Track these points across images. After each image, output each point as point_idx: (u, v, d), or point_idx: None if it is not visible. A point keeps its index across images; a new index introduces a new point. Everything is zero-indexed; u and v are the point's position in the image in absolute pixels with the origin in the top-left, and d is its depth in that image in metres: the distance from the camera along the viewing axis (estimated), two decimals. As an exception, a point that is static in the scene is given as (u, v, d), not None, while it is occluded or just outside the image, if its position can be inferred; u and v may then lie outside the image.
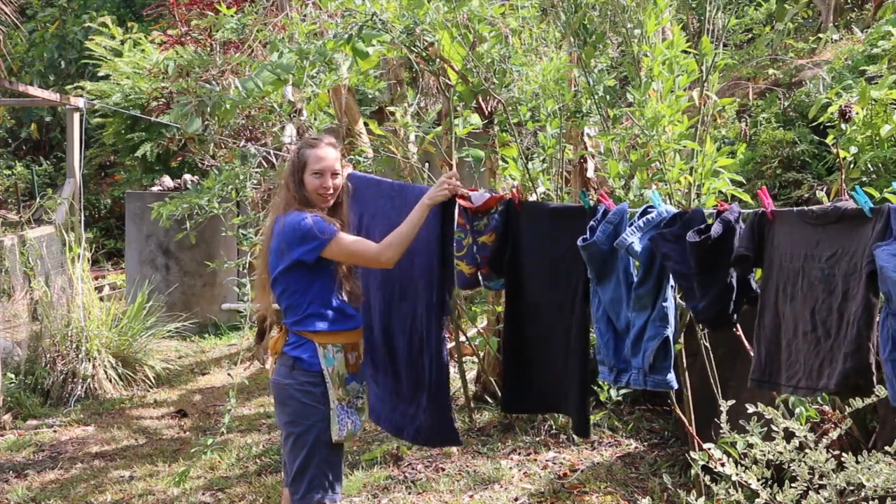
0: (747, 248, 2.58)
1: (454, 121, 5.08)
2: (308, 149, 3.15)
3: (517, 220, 3.31)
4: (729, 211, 2.63)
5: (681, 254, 2.66)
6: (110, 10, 14.35)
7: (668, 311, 2.82)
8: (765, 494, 2.79)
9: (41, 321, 6.66)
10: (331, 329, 3.10)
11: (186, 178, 9.34)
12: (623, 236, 2.80)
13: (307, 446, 3.08)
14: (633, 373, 2.91)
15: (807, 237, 2.46)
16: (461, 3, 4.23)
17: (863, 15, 8.69)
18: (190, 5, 8.11)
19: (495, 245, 3.32)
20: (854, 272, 2.31)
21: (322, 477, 3.09)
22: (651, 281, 2.81)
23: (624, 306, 2.91)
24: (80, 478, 4.95)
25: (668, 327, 2.82)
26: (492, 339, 5.56)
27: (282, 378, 3.14)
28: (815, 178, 5.40)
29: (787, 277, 2.51)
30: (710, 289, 2.65)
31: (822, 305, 2.40)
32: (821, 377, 2.39)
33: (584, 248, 2.91)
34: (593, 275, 2.97)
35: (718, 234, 2.58)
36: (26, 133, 15.30)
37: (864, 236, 2.30)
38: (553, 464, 4.72)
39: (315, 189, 3.11)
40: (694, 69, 3.77)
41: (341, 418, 3.09)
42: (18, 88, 8.32)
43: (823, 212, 2.42)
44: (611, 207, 2.93)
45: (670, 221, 2.76)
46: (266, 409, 6.07)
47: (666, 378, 2.85)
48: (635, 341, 2.88)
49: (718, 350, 3.95)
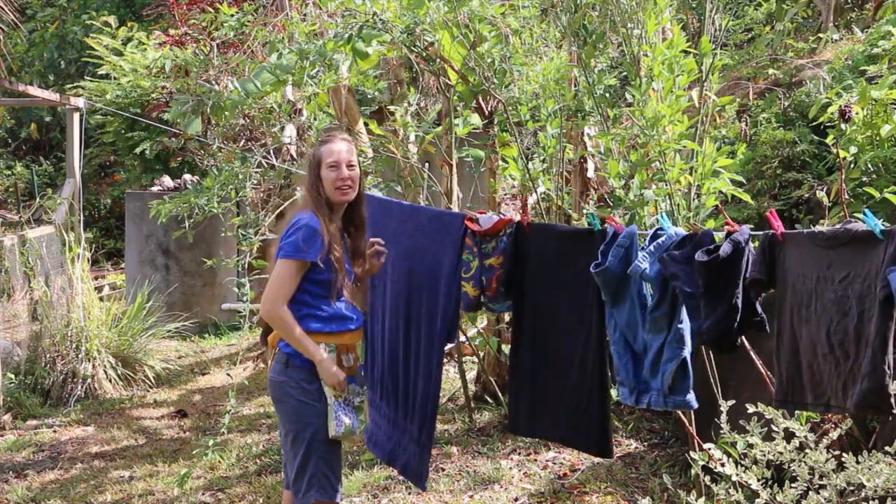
0: (760, 271, 2.59)
1: (454, 121, 5.08)
2: (321, 145, 3.14)
3: (526, 242, 3.31)
4: (738, 232, 2.64)
5: (689, 274, 2.68)
6: (110, 10, 14.34)
7: (684, 332, 2.83)
8: (765, 495, 2.79)
9: (41, 321, 6.65)
10: (323, 330, 3.08)
11: (186, 178, 9.34)
12: (636, 263, 2.82)
13: (305, 443, 3.07)
14: (653, 394, 2.92)
15: (818, 259, 2.46)
16: (461, 3, 4.23)
17: (863, 15, 8.69)
18: (190, 5, 8.11)
19: (504, 267, 3.32)
20: (868, 294, 2.31)
21: (321, 476, 3.08)
22: (666, 304, 2.83)
23: (640, 328, 2.92)
24: (80, 478, 4.95)
25: (684, 348, 2.83)
26: (492, 339, 5.56)
27: (277, 375, 3.13)
28: (815, 178, 5.40)
29: (800, 299, 2.51)
30: (715, 309, 2.65)
31: (838, 327, 2.40)
32: (846, 397, 2.40)
33: (598, 274, 2.92)
34: (608, 298, 2.98)
35: (727, 255, 2.59)
36: (26, 133, 15.30)
37: (876, 258, 2.30)
38: (553, 464, 4.71)
39: (332, 182, 3.08)
40: (694, 69, 3.77)
41: (338, 415, 3.07)
42: (18, 88, 8.32)
43: (834, 234, 2.42)
44: (619, 230, 2.94)
45: (680, 243, 2.78)
46: (266, 410, 6.07)
47: (686, 399, 2.87)
48: (653, 363, 2.89)
49: (718, 350, 3.95)
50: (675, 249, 2.77)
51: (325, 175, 3.09)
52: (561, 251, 3.20)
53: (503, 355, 5.53)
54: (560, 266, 3.20)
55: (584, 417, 3.16)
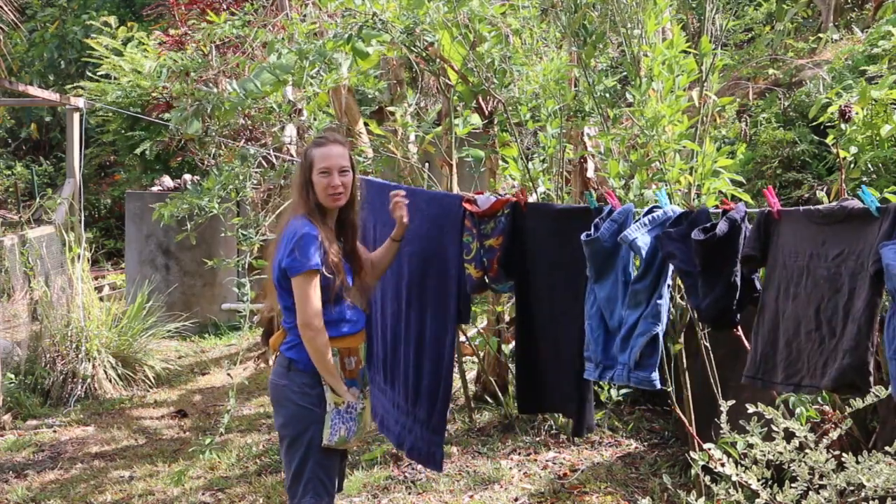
0: (754, 248, 2.59)
1: (454, 121, 5.08)
2: (314, 148, 3.09)
3: (523, 222, 3.31)
4: (735, 210, 2.63)
5: (686, 253, 2.67)
6: (110, 10, 14.34)
7: (662, 308, 2.82)
8: (765, 495, 2.79)
9: (41, 321, 6.66)
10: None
11: (186, 178, 9.34)
12: (627, 231, 2.80)
13: (302, 448, 3.05)
14: (617, 369, 2.91)
15: (813, 236, 2.46)
16: (461, 3, 4.23)
17: (863, 15, 8.69)
18: (190, 5, 8.11)
19: (503, 247, 3.32)
20: (861, 271, 2.31)
21: (317, 480, 3.05)
22: (649, 277, 2.82)
23: (619, 304, 2.91)
24: (80, 478, 4.95)
25: (658, 325, 2.82)
26: (492, 339, 5.56)
27: (278, 378, 3.10)
28: (815, 178, 5.40)
29: (789, 276, 2.51)
30: (713, 287, 2.65)
31: (828, 304, 2.40)
32: (824, 375, 2.39)
33: (588, 244, 2.91)
34: (592, 272, 2.97)
35: (724, 233, 2.58)
36: (26, 133, 15.30)
37: (870, 235, 2.30)
38: (553, 464, 4.72)
39: (324, 189, 3.03)
40: (694, 69, 3.77)
41: (335, 423, 3.03)
42: (18, 88, 8.31)
43: (830, 211, 2.42)
44: (616, 207, 2.94)
45: (676, 221, 2.77)
46: (266, 409, 6.07)
47: (649, 375, 2.84)
48: (625, 338, 2.88)
49: (718, 350, 3.95)
50: (671, 227, 2.76)
51: (316, 180, 3.05)
52: (558, 230, 3.20)
53: (503, 355, 5.53)
54: (557, 245, 3.20)
55: (584, 392, 3.18)
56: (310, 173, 3.06)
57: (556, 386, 3.31)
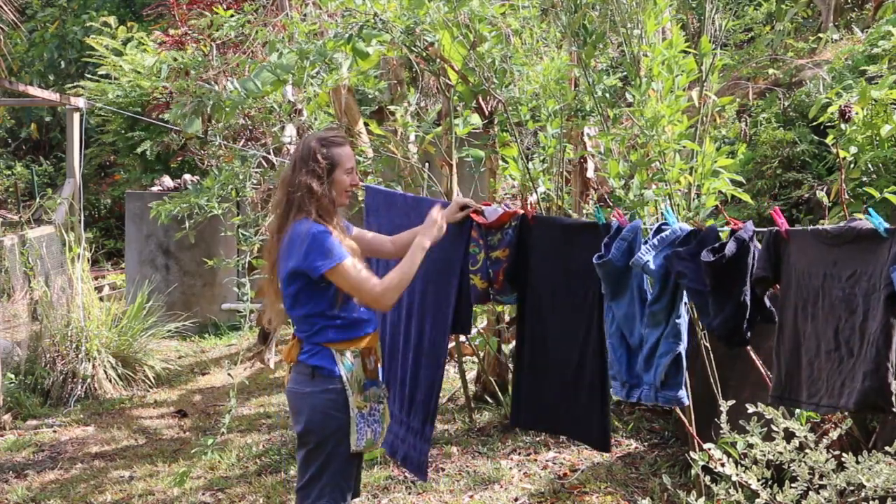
0: (765, 268, 2.59)
1: (454, 121, 5.08)
2: (335, 147, 3.02)
3: (530, 235, 3.31)
4: (743, 230, 2.63)
5: (695, 272, 2.66)
6: (110, 10, 14.35)
7: (681, 327, 2.83)
8: (765, 495, 2.79)
9: (41, 321, 6.66)
10: (341, 338, 2.99)
11: (186, 178, 9.34)
12: (638, 255, 2.81)
13: (325, 454, 2.98)
14: (644, 388, 2.92)
15: (823, 256, 2.46)
16: (461, 3, 4.23)
17: (863, 15, 8.69)
18: (190, 5, 8.11)
19: (509, 260, 3.32)
20: (873, 292, 2.32)
21: (334, 486, 3.00)
22: (666, 298, 2.83)
23: (637, 322, 2.92)
24: (80, 478, 4.95)
25: (680, 343, 2.83)
26: (492, 339, 5.56)
27: (300, 387, 3.01)
28: (815, 178, 5.40)
29: (806, 296, 2.51)
30: (724, 307, 2.65)
31: (846, 325, 2.40)
32: (842, 395, 2.40)
33: (600, 266, 2.92)
34: (608, 291, 2.97)
35: (733, 253, 2.58)
36: (26, 133, 15.30)
37: (880, 257, 2.31)
38: (553, 464, 4.72)
39: (346, 187, 3.03)
40: (693, 69, 3.77)
41: (360, 427, 2.99)
42: (18, 88, 8.31)
43: (839, 232, 2.42)
44: (624, 224, 2.94)
45: (685, 240, 2.77)
46: (266, 409, 6.07)
47: (677, 394, 2.87)
48: (648, 357, 2.89)
49: (718, 350, 3.95)
50: (680, 246, 2.76)
51: (340, 178, 3.01)
52: (564, 244, 3.20)
53: (503, 355, 5.53)
54: (563, 259, 3.20)
55: (584, 411, 3.17)
56: (332, 172, 3.00)
57: (557, 405, 3.28)
